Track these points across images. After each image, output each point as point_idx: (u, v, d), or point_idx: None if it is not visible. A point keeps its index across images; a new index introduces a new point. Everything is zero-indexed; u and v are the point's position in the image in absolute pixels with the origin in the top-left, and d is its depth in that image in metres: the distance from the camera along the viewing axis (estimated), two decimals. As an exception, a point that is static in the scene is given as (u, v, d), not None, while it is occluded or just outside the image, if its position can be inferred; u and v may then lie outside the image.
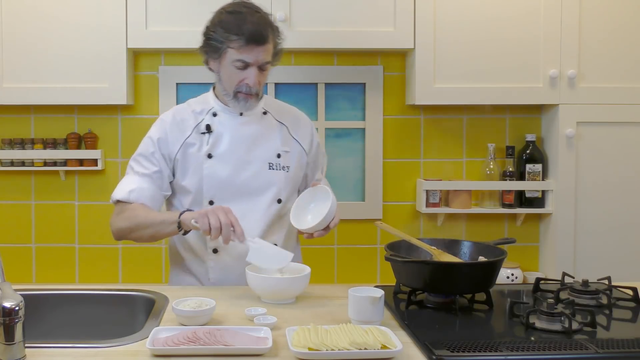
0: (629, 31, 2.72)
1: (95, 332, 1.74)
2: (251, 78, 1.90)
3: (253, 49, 1.88)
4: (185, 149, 1.98)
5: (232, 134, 1.98)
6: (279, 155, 2.01)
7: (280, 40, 1.97)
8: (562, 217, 2.75)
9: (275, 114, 2.07)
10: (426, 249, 1.82)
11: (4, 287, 1.30)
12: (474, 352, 1.35)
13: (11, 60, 2.64)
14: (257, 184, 1.97)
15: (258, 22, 1.88)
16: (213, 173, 1.96)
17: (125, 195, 1.95)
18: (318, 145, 2.15)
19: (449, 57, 2.69)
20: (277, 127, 2.05)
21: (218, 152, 1.97)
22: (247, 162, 1.98)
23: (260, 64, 1.91)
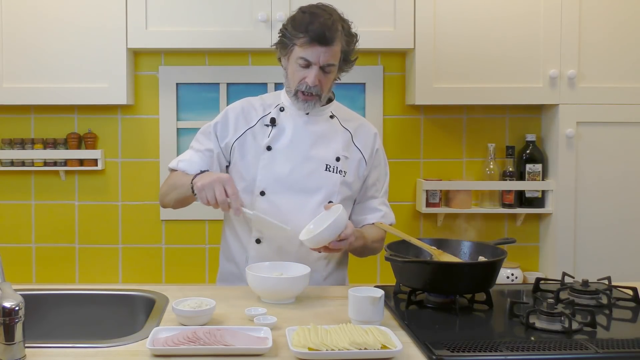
0: (629, 31, 2.72)
1: (95, 332, 1.74)
2: (311, 77, 1.91)
3: (316, 49, 1.89)
4: (246, 138, 2.01)
5: (294, 130, 1.99)
6: (338, 159, 2.00)
7: (352, 47, 1.97)
8: (562, 217, 2.75)
9: (341, 119, 2.07)
10: (426, 249, 1.82)
11: (4, 287, 1.30)
12: (474, 352, 1.35)
13: (11, 60, 2.64)
14: (311, 183, 1.97)
15: (326, 23, 1.88)
16: (269, 165, 1.97)
17: (174, 164, 2.02)
18: (379, 155, 2.09)
19: (449, 57, 2.69)
20: (340, 132, 2.04)
21: (278, 146, 1.98)
22: (305, 160, 1.98)
23: (323, 65, 1.91)
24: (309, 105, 1.96)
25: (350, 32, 1.97)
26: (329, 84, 1.98)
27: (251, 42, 2.65)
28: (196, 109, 2.87)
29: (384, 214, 2.07)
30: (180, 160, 2.02)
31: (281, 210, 1.94)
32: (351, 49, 1.98)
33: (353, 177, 2.03)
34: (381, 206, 2.08)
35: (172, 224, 2.91)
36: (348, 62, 1.99)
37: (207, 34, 2.64)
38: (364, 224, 2.06)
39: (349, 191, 2.02)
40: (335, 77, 2.00)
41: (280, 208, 1.94)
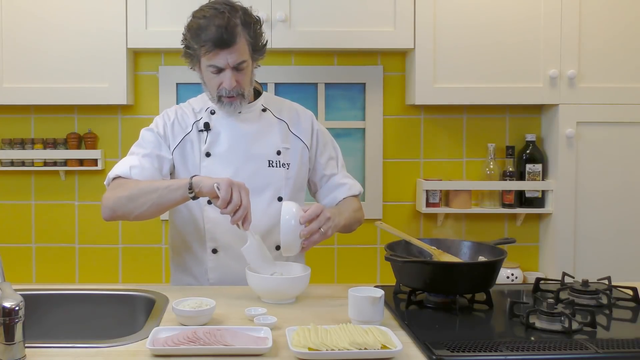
0: (629, 31, 2.72)
1: (95, 332, 1.74)
2: (227, 81, 1.88)
3: (220, 54, 1.84)
4: (184, 146, 1.97)
5: (230, 132, 1.97)
6: (279, 153, 1.98)
7: (256, 35, 1.90)
8: (562, 217, 2.75)
9: (274, 110, 2.05)
10: (426, 249, 1.82)
11: (4, 287, 1.30)
12: (474, 352, 1.35)
13: (11, 60, 2.64)
14: (257, 183, 1.94)
15: (221, 25, 1.81)
16: (211, 172, 1.92)
17: (126, 171, 1.88)
18: (319, 136, 2.08)
19: (449, 57, 2.69)
20: (276, 124, 2.03)
21: (216, 151, 1.96)
22: (246, 161, 1.96)
23: (234, 66, 1.87)
24: (235, 106, 1.93)
25: (249, 20, 1.88)
26: (248, 80, 1.93)
27: (251, 42, 2.64)
28: (196, 109, 2.87)
29: (350, 185, 2.07)
30: (132, 166, 1.88)
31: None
32: (257, 37, 1.91)
33: (297, 167, 2.01)
34: (344, 179, 2.08)
35: (172, 224, 2.90)
36: (259, 50, 1.93)
37: (207, 34, 2.64)
38: (337, 202, 2.06)
39: (294, 183, 2.00)
40: (252, 70, 1.94)
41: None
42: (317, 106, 2.90)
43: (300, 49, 2.78)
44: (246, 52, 1.89)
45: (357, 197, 2.11)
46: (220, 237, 1.95)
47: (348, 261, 2.95)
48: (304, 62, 2.90)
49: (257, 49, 1.93)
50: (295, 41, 2.65)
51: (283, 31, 2.63)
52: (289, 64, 2.90)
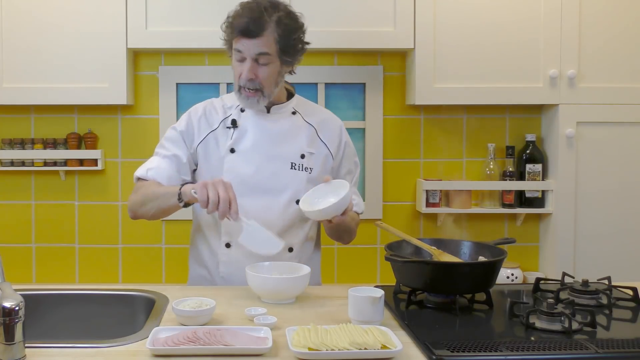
0: (629, 31, 2.72)
1: (95, 332, 1.74)
2: (244, 71, 1.89)
3: (245, 41, 1.87)
4: (209, 141, 1.99)
5: (256, 131, 1.98)
6: (303, 156, 1.98)
7: (291, 36, 1.91)
8: (562, 217, 2.75)
9: (305, 114, 2.05)
10: (426, 249, 1.82)
11: (4, 287, 1.30)
12: (474, 352, 1.35)
13: (11, 60, 2.64)
14: (277, 183, 1.95)
15: (253, 15, 1.85)
16: (233, 168, 1.95)
17: (143, 173, 1.98)
18: (346, 147, 2.09)
19: (449, 57, 2.69)
20: (304, 128, 2.02)
21: (241, 148, 1.97)
22: (269, 160, 1.96)
23: (255, 57, 1.88)
24: (252, 102, 1.93)
25: (288, 21, 1.90)
26: (270, 77, 1.92)
27: (251, 42, 2.64)
28: (196, 109, 2.87)
29: (357, 202, 2.07)
30: (149, 168, 1.97)
31: (248, 213, 1.89)
32: (291, 38, 1.91)
33: (320, 173, 2.00)
34: (354, 196, 2.07)
35: (172, 224, 2.90)
36: (289, 53, 1.92)
37: (207, 34, 2.63)
38: None
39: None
40: (278, 70, 1.93)
41: (246, 210, 1.89)
42: (317, 106, 2.90)
43: (300, 49, 2.78)
44: (271, 48, 1.89)
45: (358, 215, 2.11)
46: (234, 232, 1.95)
47: (348, 261, 2.95)
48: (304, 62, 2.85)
49: (287, 51, 1.92)
50: (295, 41, 2.65)
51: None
52: (289, 64, 2.89)
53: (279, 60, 1.92)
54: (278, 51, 1.90)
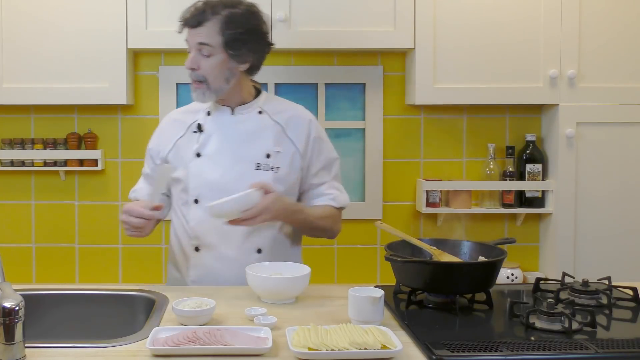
0: (629, 31, 2.72)
1: (95, 332, 1.74)
2: (188, 60, 1.92)
3: (189, 31, 1.92)
4: (179, 148, 2.01)
5: (222, 134, 1.98)
6: (268, 156, 1.97)
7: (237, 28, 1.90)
8: (562, 217, 2.75)
9: (272, 112, 2.04)
10: (426, 249, 1.82)
11: (4, 287, 1.30)
12: (474, 352, 1.35)
13: (11, 60, 2.64)
14: (243, 185, 1.91)
15: (197, 7, 1.91)
16: (199, 172, 1.96)
17: (129, 195, 2.12)
18: (315, 143, 2.04)
19: (449, 57, 2.69)
20: (271, 127, 2.01)
21: (206, 152, 1.97)
22: (235, 163, 1.96)
23: (197, 47, 1.91)
24: (198, 94, 1.94)
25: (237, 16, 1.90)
26: (214, 70, 1.91)
27: (251, 42, 2.64)
28: (196, 109, 2.87)
29: (333, 196, 2.05)
30: (133, 190, 2.13)
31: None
32: (237, 31, 1.90)
33: (287, 171, 1.99)
34: (330, 190, 2.06)
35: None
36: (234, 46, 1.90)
37: (207, 34, 2.64)
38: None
39: (283, 187, 1.97)
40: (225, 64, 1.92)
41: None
42: (317, 106, 2.90)
43: (300, 49, 2.78)
44: (212, 38, 1.90)
45: (337, 209, 2.08)
46: (202, 236, 1.97)
47: (348, 261, 2.95)
48: (304, 62, 2.90)
49: (232, 44, 1.90)
50: (295, 41, 2.65)
51: (283, 31, 2.63)
52: (289, 64, 2.90)
53: (224, 53, 1.91)
54: (222, 43, 1.90)
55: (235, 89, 1.98)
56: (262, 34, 1.97)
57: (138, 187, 2.11)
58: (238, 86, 1.99)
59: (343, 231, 2.90)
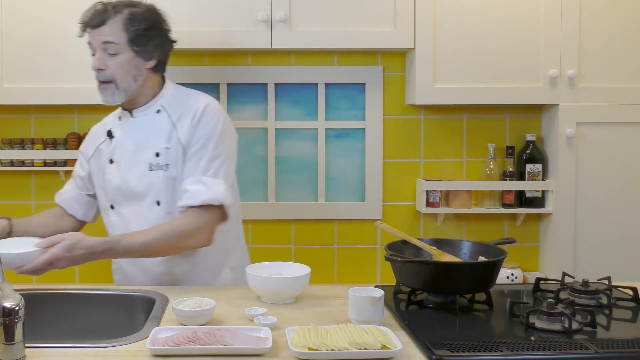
0: (629, 31, 2.72)
1: (95, 332, 1.74)
2: (93, 61, 1.92)
3: (91, 33, 1.93)
4: (98, 154, 2.05)
5: (124, 138, 1.99)
6: (158, 154, 1.92)
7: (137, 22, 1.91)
8: (562, 217, 2.75)
9: (170, 109, 1.97)
10: (426, 249, 1.82)
11: (4, 287, 1.30)
12: (474, 352, 1.35)
13: (11, 60, 2.64)
14: (141, 188, 1.93)
15: (97, 8, 1.93)
16: (111, 179, 1.99)
17: (55, 198, 2.15)
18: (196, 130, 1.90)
19: (449, 57, 2.69)
20: (165, 124, 1.95)
21: (116, 157, 1.99)
22: (134, 166, 1.95)
23: (102, 46, 1.91)
24: (107, 95, 1.94)
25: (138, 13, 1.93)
26: (122, 68, 1.90)
27: (251, 42, 2.65)
28: (196, 109, 2.86)
29: (191, 193, 1.84)
30: (58, 193, 2.14)
31: (127, 221, 1.96)
32: (140, 27, 1.91)
33: (176, 167, 1.91)
34: (192, 185, 1.85)
35: (172, 224, 2.90)
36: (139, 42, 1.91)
37: (207, 34, 2.64)
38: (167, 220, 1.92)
39: (175, 184, 1.91)
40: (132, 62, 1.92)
41: (126, 219, 1.97)
42: (317, 106, 2.90)
43: (300, 49, 2.78)
44: (117, 36, 1.90)
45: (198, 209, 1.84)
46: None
47: (348, 261, 2.95)
48: (304, 62, 2.90)
49: (137, 40, 1.91)
50: (295, 41, 2.65)
51: (283, 31, 2.63)
52: (289, 64, 2.90)
53: (130, 50, 1.92)
54: (127, 40, 1.91)
55: (142, 89, 1.97)
56: (165, 31, 2.00)
57: (64, 189, 2.14)
58: (145, 85, 1.98)
59: (343, 231, 2.93)
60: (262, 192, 2.92)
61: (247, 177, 2.90)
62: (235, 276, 2.04)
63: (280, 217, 2.91)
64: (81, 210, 2.11)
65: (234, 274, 2.04)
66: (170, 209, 1.92)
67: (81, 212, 2.11)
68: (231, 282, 2.03)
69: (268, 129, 2.90)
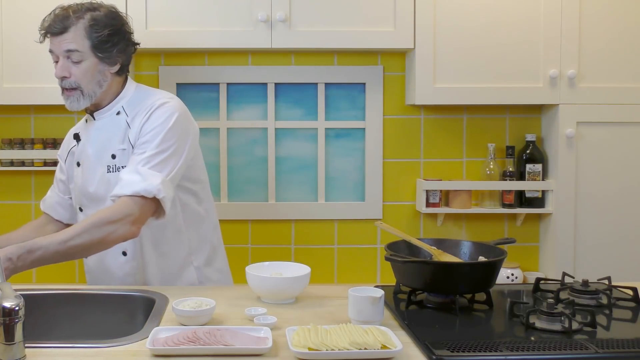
0: (629, 31, 2.72)
1: (95, 332, 1.74)
2: (57, 69, 1.91)
3: (53, 39, 1.91)
4: (71, 158, 2.06)
5: (87, 140, 2.00)
6: (114, 156, 1.93)
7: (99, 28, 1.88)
8: (562, 217, 2.75)
9: (129, 110, 1.96)
10: (426, 249, 1.82)
11: (4, 287, 1.30)
12: (474, 352, 1.35)
13: (11, 60, 2.64)
14: (102, 190, 1.94)
15: (58, 14, 1.90)
16: (76, 181, 2.01)
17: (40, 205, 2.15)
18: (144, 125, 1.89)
19: (449, 57, 2.69)
20: (122, 125, 1.95)
21: (82, 160, 2.00)
22: (94, 169, 1.96)
23: (65, 54, 1.89)
24: (72, 101, 1.92)
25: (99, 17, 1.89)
26: (86, 75, 1.89)
27: (251, 42, 2.65)
28: (196, 109, 2.86)
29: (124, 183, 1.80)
30: (42, 200, 2.15)
31: None
32: (103, 33, 1.88)
33: None
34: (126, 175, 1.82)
35: (172, 224, 2.90)
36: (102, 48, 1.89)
37: (207, 34, 2.64)
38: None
39: None
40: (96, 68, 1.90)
41: None
42: (317, 106, 2.90)
43: (300, 49, 2.78)
44: (80, 43, 1.89)
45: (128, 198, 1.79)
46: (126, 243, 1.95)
47: (348, 261, 2.95)
48: (304, 62, 2.90)
49: (100, 46, 1.89)
50: (295, 41, 2.65)
51: (283, 31, 2.63)
52: (289, 64, 2.90)
53: (94, 57, 1.90)
54: (90, 47, 1.89)
55: (105, 92, 1.96)
56: (128, 34, 1.97)
57: (47, 195, 2.14)
58: (108, 89, 1.96)
59: (343, 231, 2.93)
60: (262, 192, 2.92)
61: (247, 177, 2.90)
62: (199, 275, 2.05)
63: (280, 217, 2.91)
64: (66, 215, 2.10)
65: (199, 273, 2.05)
66: None
67: (67, 216, 2.10)
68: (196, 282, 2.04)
69: (268, 129, 2.90)
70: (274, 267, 1.83)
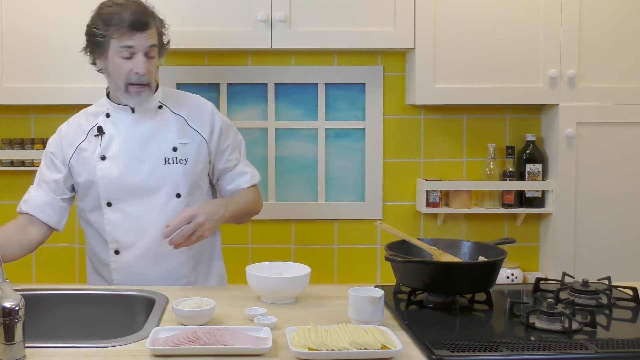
0: (629, 31, 2.72)
1: (95, 332, 1.74)
2: (140, 65, 1.91)
3: (135, 35, 1.89)
4: (80, 153, 2.01)
5: (124, 134, 1.99)
6: (175, 149, 1.99)
7: (165, 30, 2.01)
8: (562, 217, 2.75)
9: (172, 106, 2.05)
10: (426, 249, 1.82)
11: (4, 287, 1.30)
12: (474, 352, 1.35)
13: (11, 60, 2.64)
14: (153, 182, 1.96)
15: (137, 10, 1.91)
16: (106, 174, 1.97)
17: (18, 208, 2.04)
18: (219, 127, 2.08)
19: (449, 57, 2.69)
20: (173, 120, 2.03)
21: (110, 154, 1.98)
22: (141, 161, 1.97)
23: (146, 50, 1.91)
24: (142, 98, 1.95)
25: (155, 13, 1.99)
26: (154, 71, 1.98)
27: (251, 42, 2.65)
28: (196, 109, 2.86)
29: (251, 175, 2.13)
30: (24, 201, 2.03)
31: (132, 216, 1.96)
32: (164, 31, 2.01)
33: (194, 161, 2.01)
34: (246, 168, 2.13)
35: (172, 224, 2.90)
36: (164, 45, 2.01)
37: (207, 34, 2.64)
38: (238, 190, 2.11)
39: (194, 177, 2.02)
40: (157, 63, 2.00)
41: (130, 215, 1.96)
42: (317, 106, 2.90)
43: (300, 49, 2.78)
44: (157, 40, 1.96)
45: (255, 187, 2.16)
46: (120, 238, 1.99)
47: (348, 261, 2.95)
48: (304, 62, 2.90)
49: (163, 43, 2.01)
50: (295, 41, 2.65)
51: (283, 31, 2.63)
52: (289, 64, 2.90)
53: (157, 53, 1.98)
54: (159, 44, 1.98)
55: None
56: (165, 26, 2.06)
57: (32, 195, 2.03)
58: None
59: (343, 231, 2.94)
60: (262, 192, 2.91)
61: (247, 177, 2.90)
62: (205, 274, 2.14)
63: (280, 217, 2.91)
64: (55, 217, 2.04)
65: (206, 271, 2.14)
66: (189, 200, 1.99)
67: (55, 218, 2.04)
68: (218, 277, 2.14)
69: (268, 129, 2.90)
70: (274, 267, 1.83)
